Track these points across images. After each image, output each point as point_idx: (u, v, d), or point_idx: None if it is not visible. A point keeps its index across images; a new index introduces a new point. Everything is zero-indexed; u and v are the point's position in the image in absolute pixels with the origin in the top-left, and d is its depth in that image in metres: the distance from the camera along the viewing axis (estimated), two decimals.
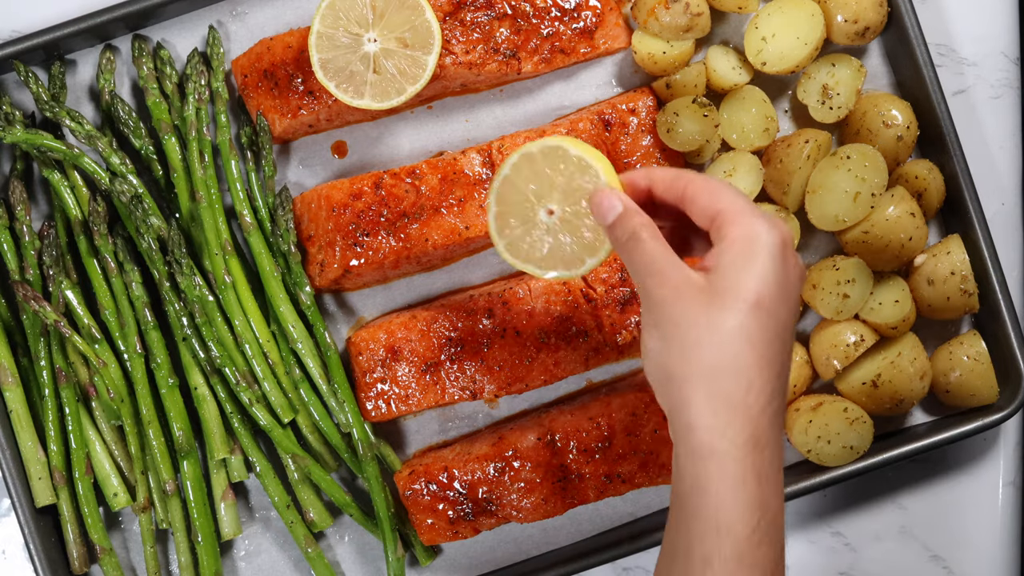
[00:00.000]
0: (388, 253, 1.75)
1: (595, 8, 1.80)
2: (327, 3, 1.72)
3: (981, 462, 1.89)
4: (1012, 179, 1.89)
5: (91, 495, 1.77)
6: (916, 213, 1.74)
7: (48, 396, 1.75)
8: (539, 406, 1.85)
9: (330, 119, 1.81)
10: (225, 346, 1.76)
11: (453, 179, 1.76)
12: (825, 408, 1.75)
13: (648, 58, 1.78)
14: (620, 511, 1.84)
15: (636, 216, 1.42)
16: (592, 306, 1.78)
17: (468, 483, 1.74)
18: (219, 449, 1.76)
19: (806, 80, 1.79)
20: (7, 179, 1.81)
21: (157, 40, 1.83)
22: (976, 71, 1.88)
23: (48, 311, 1.72)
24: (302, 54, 1.76)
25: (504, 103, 1.85)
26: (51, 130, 1.80)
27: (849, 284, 1.73)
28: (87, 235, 1.77)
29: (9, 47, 1.76)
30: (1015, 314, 1.78)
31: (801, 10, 1.74)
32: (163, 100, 1.79)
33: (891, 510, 1.88)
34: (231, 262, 1.77)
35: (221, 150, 1.79)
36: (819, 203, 1.73)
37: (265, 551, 1.84)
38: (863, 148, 1.73)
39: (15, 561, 1.85)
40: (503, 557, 1.85)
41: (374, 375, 1.77)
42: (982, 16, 1.88)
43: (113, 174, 1.77)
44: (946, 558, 1.88)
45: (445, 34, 1.76)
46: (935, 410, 1.85)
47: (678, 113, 1.76)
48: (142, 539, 1.79)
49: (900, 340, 1.77)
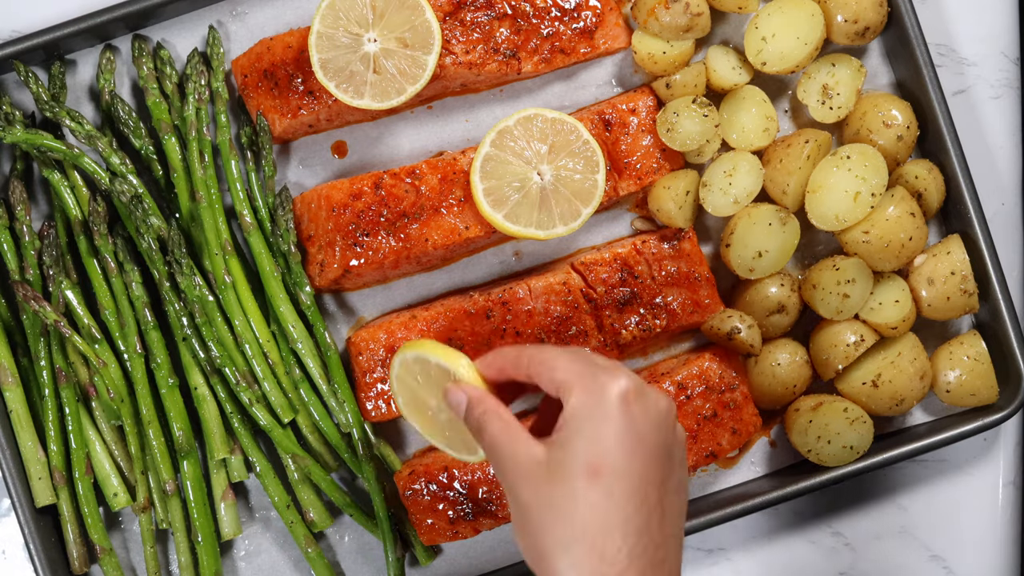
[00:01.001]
0: (388, 253, 1.75)
1: (595, 8, 1.80)
2: (327, 3, 1.72)
3: (981, 462, 1.88)
4: (1012, 179, 1.89)
5: (91, 495, 1.77)
6: (916, 213, 1.74)
7: (48, 396, 1.75)
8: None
9: (330, 119, 1.81)
10: (225, 346, 1.76)
11: (453, 179, 1.76)
12: (825, 408, 1.75)
13: (648, 58, 1.78)
14: None
15: (479, 405, 1.44)
16: (592, 306, 1.78)
17: (468, 483, 1.74)
18: (219, 449, 1.76)
19: (806, 80, 1.79)
20: (7, 179, 1.81)
21: (157, 40, 1.83)
22: (976, 71, 1.88)
23: (48, 311, 1.72)
24: (302, 54, 1.76)
25: (504, 103, 1.85)
26: (51, 130, 1.80)
27: (849, 284, 1.73)
28: (87, 235, 1.77)
29: (9, 47, 1.76)
30: (1015, 314, 1.78)
31: (801, 10, 1.74)
32: (163, 100, 1.79)
33: (891, 510, 1.88)
34: (231, 262, 1.77)
35: (221, 150, 1.79)
36: (819, 203, 1.73)
37: (265, 551, 1.84)
38: (863, 148, 1.73)
39: (15, 561, 1.85)
40: (503, 557, 1.85)
41: (374, 375, 1.77)
42: (982, 16, 1.88)
43: (113, 174, 1.77)
44: (946, 558, 1.88)
45: (445, 34, 1.76)
46: (935, 410, 1.85)
47: (678, 113, 1.76)
48: (142, 539, 1.79)
49: (900, 340, 1.77)
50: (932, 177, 1.78)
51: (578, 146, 1.74)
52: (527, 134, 1.73)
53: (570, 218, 1.73)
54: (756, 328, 1.76)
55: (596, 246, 1.85)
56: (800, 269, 1.84)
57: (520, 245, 1.85)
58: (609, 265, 1.78)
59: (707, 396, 1.76)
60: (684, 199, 1.77)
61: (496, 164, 1.72)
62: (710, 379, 1.76)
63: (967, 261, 1.76)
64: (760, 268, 1.76)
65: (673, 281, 1.79)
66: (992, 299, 1.78)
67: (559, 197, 1.73)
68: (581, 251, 1.85)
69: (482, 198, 1.72)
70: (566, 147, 1.73)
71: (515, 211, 1.72)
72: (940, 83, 1.78)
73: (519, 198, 1.72)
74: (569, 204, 1.73)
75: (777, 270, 1.76)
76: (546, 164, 1.73)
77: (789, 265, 1.83)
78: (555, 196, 1.73)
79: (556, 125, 1.73)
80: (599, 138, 1.78)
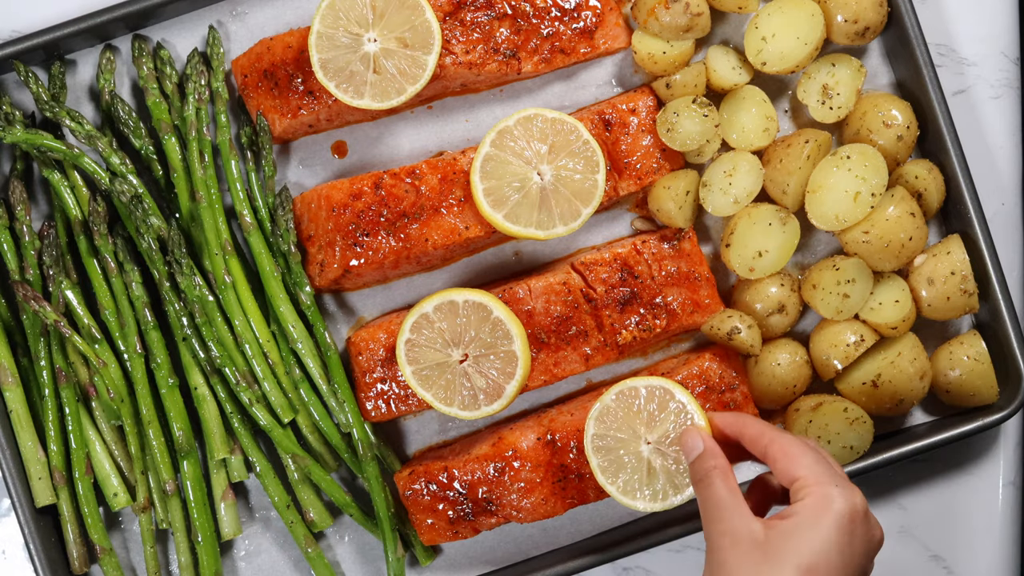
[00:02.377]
0: (388, 253, 1.75)
1: (595, 8, 1.80)
2: (327, 3, 1.72)
3: (981, 462, 1.89)
4: (1012, 179, 1.89)
5: (91, 495, 1.77)
6: (916, 213, 1.74)
7: (48, 396, 1.75)
8: (539, 406, 1.85)
9: (330, 119, 1.81)
10: (225, 346, 1.76)
11: (453, 179, 1.76)
12: (825, 408, 1.75)
13: (648, 58, 1.78)
14: (620, 511, 1.84)
15: (711, 459, 1.53)
16: (592, 306, 1.78)
17: (468, 483, 1.74)
18: (219, 449, 1.76)
19: (806, 80, 1.79)
20: (7, 179, 1.81)
21: (157, 40, 1.83)
22: (976, 71, 1.88)
23: (48, 311, 1.72)
24: (302, 54, 1.76)
25: (504, 103, 1.85)
26: (51, 130, 1.80)
27: (849, 284, 1.73)
28: (87, 235, 1.77)
29: (9, 47, 1.76)
30: (1015, 314, 1.78)
31: (801, 10, 1.74)
32: (163, 100, 1.79)
33: (891, 510, 1.88)
34: (231, 262, 1.77)
35: (221, 150, 1.79)
36: (819, 203, 1.73)
37: (265, 551, 1.84)
38: (863, 148, 1.73)
39: (15, 561, 1.85)
40: (503, 557, 1.85)
41: (374, 375, 1.77)
42: (982, 16, 1.88)
43: (113, 174, 1.77)
44: (946, 558, 1.88)
45: (445, 34, 1.76)
46: (935, 410, 1.85)
47: (678, 113, 1.76)
48: (142, 539, 1.79)
49: (900, 340, 1.77)
50: (932, 177, 1.78)
51: (578, 146, 1.74)
52: (527, 134, 1.73)
53: (570, 218, 1.73)
54: (756, 328, 1.76)
55: (596, 246, 1.85)
56: (800, 269, 1.84)
57: (520, 245, 1.85)
58: (609, 265, 1.78)
59: (707, 396, 1.76)
60: (684, 199, 1.77)
61: (496, 164, 1.73)
62: (710, 379, 1.76)
63: (967, 261, 1.76)
64: (760, 268, 1.76)
65: (673, 281, 1.79)
66: (992, 299, 1.78)
67: (559, 197, 1.73)
68: (581, 251, 1.85)
69: (482, 198, 1.72)
70: (566, 147, 1.73)
71: (515, 211, 1.72)
72: (940, 83, 1.78)
73: (519, 198, 1.72)
74: (569, 204, 1.73)
75: (777, 270, 1.76)
76: (546, 164, 1.73)
77: (789, 265, 1.83)
78: (555, 196, 1.73)
79: (556, 125, 1.74)
80: (599, 138, 1.78)
